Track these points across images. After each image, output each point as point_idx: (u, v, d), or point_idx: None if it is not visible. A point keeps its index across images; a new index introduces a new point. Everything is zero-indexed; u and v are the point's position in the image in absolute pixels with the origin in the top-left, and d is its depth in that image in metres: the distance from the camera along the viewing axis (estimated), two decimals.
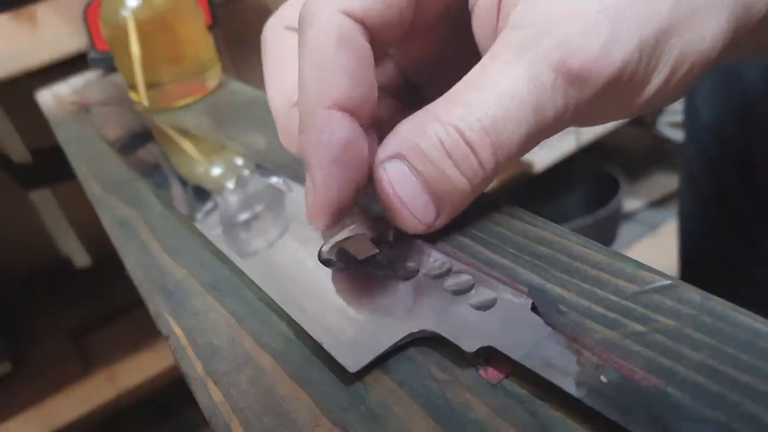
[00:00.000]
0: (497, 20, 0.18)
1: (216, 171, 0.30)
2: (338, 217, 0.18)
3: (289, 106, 0.22)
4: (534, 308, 0.15)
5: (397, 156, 0.17)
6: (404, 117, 0.18)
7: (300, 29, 0.18)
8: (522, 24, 0.17)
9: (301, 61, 0.18)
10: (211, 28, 0.47)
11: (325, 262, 0.19)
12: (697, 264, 0.46)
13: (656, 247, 1.15)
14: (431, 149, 0.17)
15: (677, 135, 1.28)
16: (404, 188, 0.17)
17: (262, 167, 0.27)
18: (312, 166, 0.18)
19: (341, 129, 0.17)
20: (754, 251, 0.39)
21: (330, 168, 0.17)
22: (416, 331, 0.16)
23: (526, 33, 0.16)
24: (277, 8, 0.23)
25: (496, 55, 0.17)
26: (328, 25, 0.17)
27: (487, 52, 0.17)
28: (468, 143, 0.17)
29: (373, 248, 0.19)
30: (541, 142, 0.18)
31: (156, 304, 0.20)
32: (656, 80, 0.17)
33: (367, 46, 0.18)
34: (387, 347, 0.16)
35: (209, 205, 0.25)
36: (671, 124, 1.30)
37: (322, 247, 0.20)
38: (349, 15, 0.18)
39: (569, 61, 0.16)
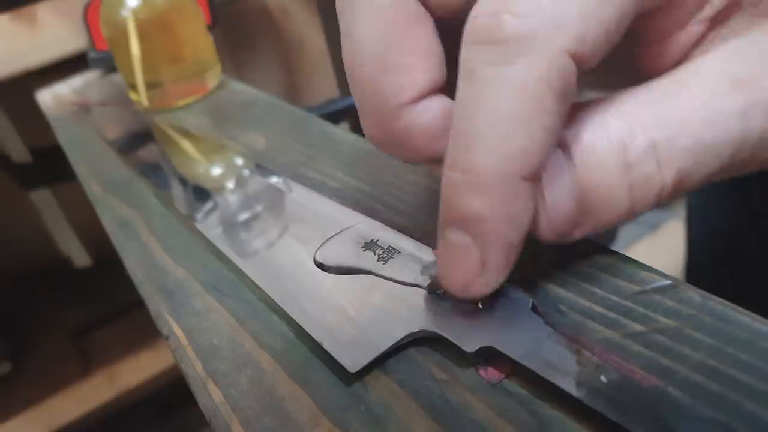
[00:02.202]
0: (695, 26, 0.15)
1: (216, 171, 0.30)
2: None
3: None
4: (534, 308, 0.15)
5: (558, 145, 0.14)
6: None
7: None
8: (744, 53, 0.14)
9: None
10: (211, 28, 0.47)
11: (319, 266, 0.19)
12: (705, 261, 0.46)
13: (656, 247, 1.15)
14: (607, 151, 0.14)
15: None
16: (551, 185, 0.14)
17: (262, 167, 0.27)
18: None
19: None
20: (765, 243, 0.39)
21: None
22: (416, 331, 0.16)
23: (751, 65, 0.14)
24: (277, 8, 0.23)
25: (706, 76, 0.14)
26: None
27: (691, 64, 0.15)
28: (658, 161, 0.13)
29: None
30: None
31: (156, 304, 0.20)
32: None
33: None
34: (387, 347, 0.16)
35: (209, 205, 0.25)
36: None
37: (317, 250, 0.20)
38: None
39: None
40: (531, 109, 0.13)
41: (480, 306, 0.16)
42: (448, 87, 0.16)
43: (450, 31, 0.16)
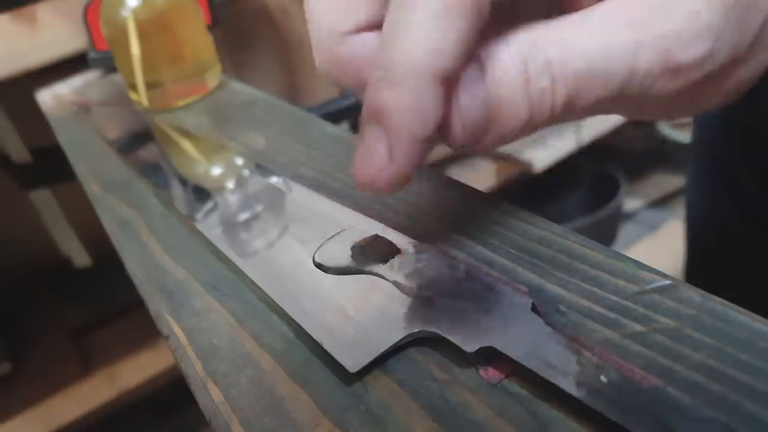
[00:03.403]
0: None
1: (216, 171, 0.30)
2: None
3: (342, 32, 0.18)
4: (534, 308, 0.15)
5: (473, 59, 0.15)
6: None
7: None
8: None
9: None
10: (211, 28, 0.47)
11: (319, 266, 0.19)
12: (704, 257, 0.46)
13: (656, 247, 1.15)
14: (510, 65, 0.15)
15: (677, 135, 1.28)
16: (465, 93, 0.15)
17: (262, 167, 0.27)
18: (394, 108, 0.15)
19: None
20: (764, 243, 0.39)
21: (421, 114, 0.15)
22: (416, 331, 0.16)
23: (651, 10, 0.16)
24: (277, 8, 0.23)
25: (606, 14, 0.16)
26: None
27: (599, 4, 0.16)
28: (552, 77, 0.15)
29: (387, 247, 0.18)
30: (542, 142, 0.18)
31: (156, 304, 0.20)
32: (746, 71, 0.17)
33: None
34: (387, 347, 0.16)
35: (209, 205, 0.25)
36: (671, 124, 1.29)
37: (316, 251, 0.20)
38: None
39: (674, 55, 0.15)
40: (447, 13, 0.14)
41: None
42: None
43: None
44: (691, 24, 0.15)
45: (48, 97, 0.47)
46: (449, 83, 0.15)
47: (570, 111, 0.16)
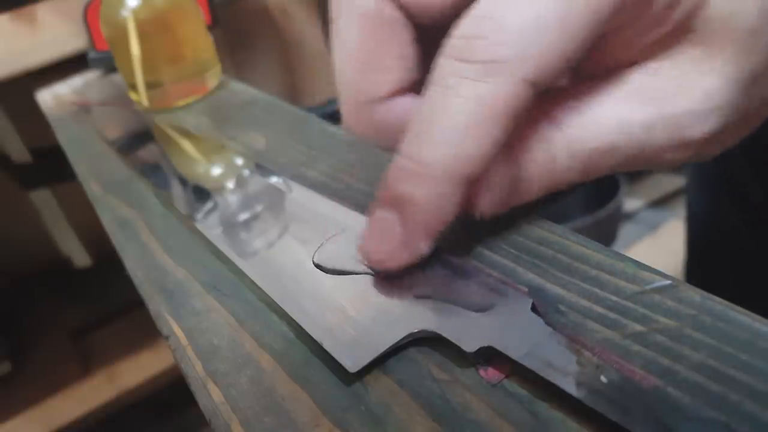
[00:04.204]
0: None
1: (216, 171, 0.30)
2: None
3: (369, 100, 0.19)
4: (534, 308, 0.15)
5: None
6: None
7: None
8: (664, 74, 0.17)
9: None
10: (211, 28, 0.47)
11: (319, 267, 0.19)
12: (704, 256, 0.46)
13: (656, 247, 1.15)
14: (537, 149, 0.17)
15: None
16: (494, 175, 0.17)
17: (262, 167, 0.27)
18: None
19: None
20: (764, 243, 0.39)
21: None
22: (416, 331, 0.16)
23: (666, 85, 0.17)
24: (277, 8, 0.23)
25: (626, 90, 0.17)
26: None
27: (620, 74, 0.17)
28: (572, 156, 0.17)
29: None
30: None
31: (156, 304, 0.20)
32: None
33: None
34: (387, 347, 0.16)
35: (209, 205, 0.25)
36: None
37: (316, 251, 0.20)
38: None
39: (686, 132, 0.17)
40: (485, 122, 0.15)
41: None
42: (423, 83, 0.17)
43: (432, 34, 0.18)
44: (705, 104, 0.16)
45: (48, 97, 0.47)
46: (475, 181, 0.16)
47: (586, 176, 0.17)
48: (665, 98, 0.16)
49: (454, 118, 0.15)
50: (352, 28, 0.18)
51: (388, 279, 0.18)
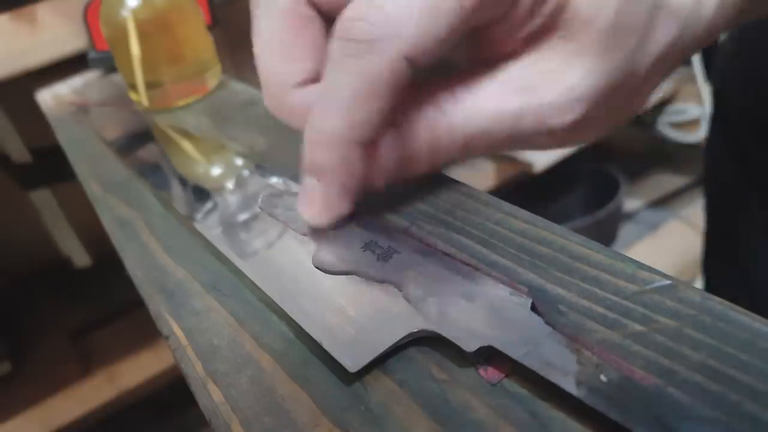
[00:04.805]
0: None
1: (216, 171, 0.30)
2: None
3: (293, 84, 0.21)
4: (534, 308, 0.15)
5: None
6: None
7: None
8: (535, 65, 0.19)
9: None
10: (211, 28, 0.47)
11: (318, 266, 0.19)
12: (724, 241, 0.47)
13: (656, 247, 1.15)
14: (422, 129, 0.19)
15: (677, 135, 1.28)
16: (384, 151, 0.19)
17: (261, 167, 0.27)
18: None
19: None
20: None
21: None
22: (416, 331, 0.16)
23: (536, 77, 0.19)
24: None
25: (502, 81, 0.19)
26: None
27: (497, 66, 0.20)
28: (453, 137, 0.19)
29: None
30: None
31: (156, 304, 0.20)
32: None
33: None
34: (387, 347, 0.16)
35: (209, 205, 0.25)
36: (671, 124, 1.30)
37: (315, 251, 0.20)
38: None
39: (549, 121, 0.19)
40: (368, 93, 0.17)
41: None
42: None
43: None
44: (566, 97, 0.18)
45: (48, 97, 0.47)
46: (371, 144, 0.18)
47: (465, 155, 0.20)
48: (534, 89, 0.18)
49: (343, 91, 0.17)
50: (271, 23, 0.20)
51: (388, 279, 0.18)
